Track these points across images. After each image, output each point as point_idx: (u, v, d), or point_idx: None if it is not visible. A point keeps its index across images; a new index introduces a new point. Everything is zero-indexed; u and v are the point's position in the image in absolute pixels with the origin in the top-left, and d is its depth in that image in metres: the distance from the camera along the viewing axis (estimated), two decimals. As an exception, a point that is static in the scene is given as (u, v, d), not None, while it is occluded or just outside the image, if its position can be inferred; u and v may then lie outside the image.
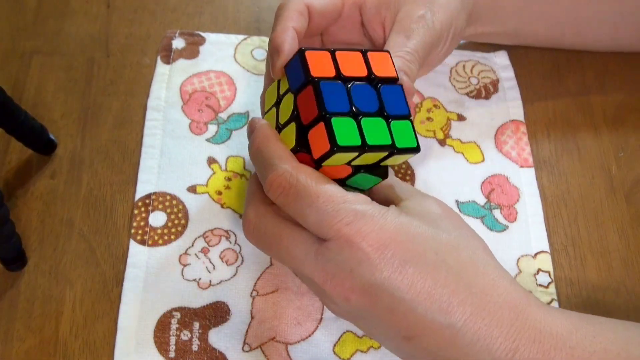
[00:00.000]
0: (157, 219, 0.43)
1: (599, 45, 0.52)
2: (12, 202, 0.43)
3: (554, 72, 0.53)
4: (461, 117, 0.49)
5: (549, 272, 0.43)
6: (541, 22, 0.49)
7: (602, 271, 0.44)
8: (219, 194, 0.44)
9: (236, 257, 0.42)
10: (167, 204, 0.44)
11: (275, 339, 0.39)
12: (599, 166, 0.48)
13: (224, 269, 0.42)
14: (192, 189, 0.44)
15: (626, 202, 0.47)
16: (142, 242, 0.42)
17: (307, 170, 0.33)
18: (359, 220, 0.31)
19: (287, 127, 0.35)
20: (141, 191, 0.44)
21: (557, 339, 0.31)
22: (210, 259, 0.42)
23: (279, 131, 0.36)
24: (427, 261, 0.31)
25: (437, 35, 0.41)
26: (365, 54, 0.35)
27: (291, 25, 0.38)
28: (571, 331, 0.31)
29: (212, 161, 0.46)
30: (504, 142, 0.48)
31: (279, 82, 0.37)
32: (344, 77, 0.34)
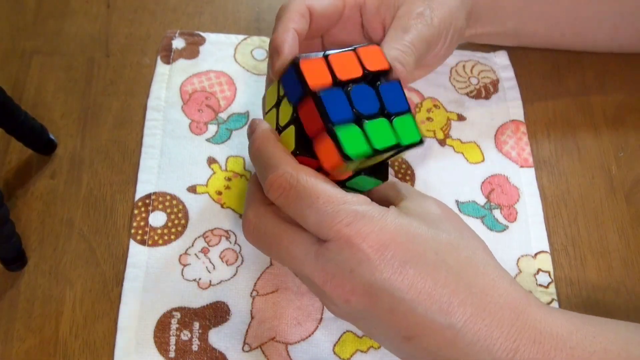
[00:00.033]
0: (157, 219, 0.43)
1: (599, 45, 0.52)
2: (12, 202, 0.43)
3: (554, 72, 0.53)
4: (461, 117, 0.49)
5: (549, 272, 0.43)
6: (541, 23, 0.49)
7: (602, 271, 0.44)
8: (219, 194, 0.44)
9: (236, 257, 0.42)
10: (167, 204, 0.44)
11: (275, 339, 0.39)
12: (599, 166, 0.48)
13: (224, 269, 0.42)
14: (192, 189, 0.44)
15: (626, 202, 0.47)
16: (142, 242, 0.42)
17: (307, 171, 0.33)
18: (359, 221, 0.31)
19: (287, 129, 0.35)
20: (141, 191, 0.44)
21: (558, 339, 0.31)
22: (210, 259, 0.42)
23: (279, 132, 0.36)
24: (427, 262, 0.31)
25: (435, 31, 0.40)
26: (356, 52, 0.35)
27: (292, 26, 0.37)
28: (571, 331, 0.31)
29: (212, 161, 0.46)
30: (504, 142, 0.48)
31: (279, 83, 0.37)
32: (341, 81, 0.34)
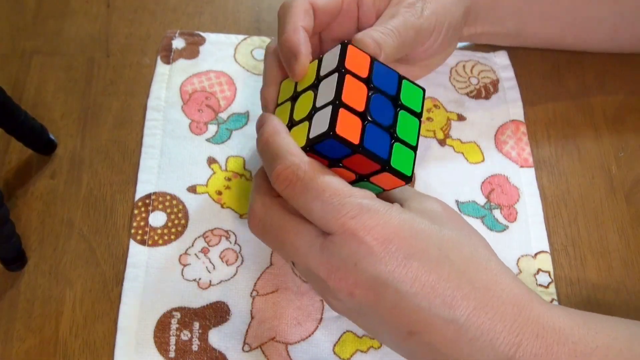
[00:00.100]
0: (157, 219, 0.43)
1: (599, 46, 0.52)
2: (12, 202, 0.43)
3: (554, 72, 0.53)
4: (461, 117, 0.49)
5: (549, 272, 0.43)
6: (541, 23, 0.49)
7: (602, 271, 0.44)
8: (219, 194, 0.44)
9: (236, 257, 0.42)
10: (167, 204, 0.44)
11: (275, 339, 0.39)
12: (599, 166, 0.48)
13: (224, 269, 0.42)
14: (192, 189, 0.44)
15: (626, 202, 0.47)
16: (142, 242, 0.42)
17: (314, 164, 0.33)
18: (364, 214, 0.31)
19: (300, 125, 0.35)
20: (141, 191, 0.44)
21: (560, 334, 0.31)
22: (210, 259, 0.42)
23: (290, 126, 0.36)
24: (431, 256, 0.31)
25: (425, 22, 0.40)
26: (344, 75, 0.34)
27: (301, 24, 0.37)
28: (573, 327, 0.32)
29: (212, 161, 0.46)
30: (504, 142, 0.48)
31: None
32: (372, 120, 0.34)
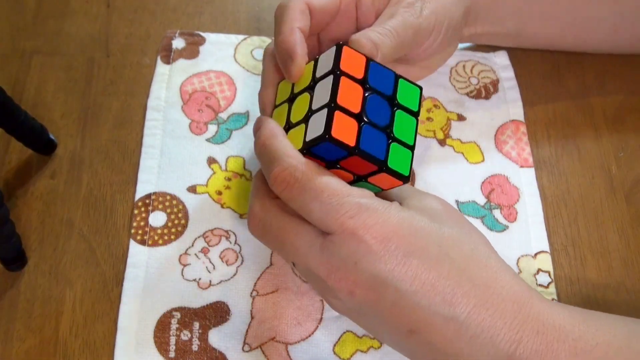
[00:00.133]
0: (157, 219, 0.43)
1: (599, 46, 0.52)
2: (12, 202, 0.43)
3: (554, 72, 0.53)
4: (461, 117, 0.49)
5: (549, 272, 0.43)
6: (541, 23, 0.49)
7: (602, 271, 0.44)
8: (219, 194, 0.44)
9: (236, 257, 0.42)
10: (167, 204, 0.44)
11: (275, 339, 0.39)
12: (599, 166, 0.48)
13: (224, 269, 0.42)
14: (192, 189, 0.44)
15: (626, 202, 0.47)
16: (142, 242, 0.42)
17: (311, 165, 0.33)
18: (362, 213, 0.31)
19: (297, 127, 0.35)
20: (141, 191, 0.44)
21: (560, 331, 0.31)
22: (210, 259, 0.42)
23: (288, 128, 0.36)
24: (430, 254, 0.31)
25: (424, 22, 0.40)
26: (339, 77, 0.34)
27: (297, 25, 0.37)
28: (573, 324, 0.32)
29: (212, 161, 0.46)
30: (504, 142, 0.48)
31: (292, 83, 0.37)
32: (368, 121, 0.34)
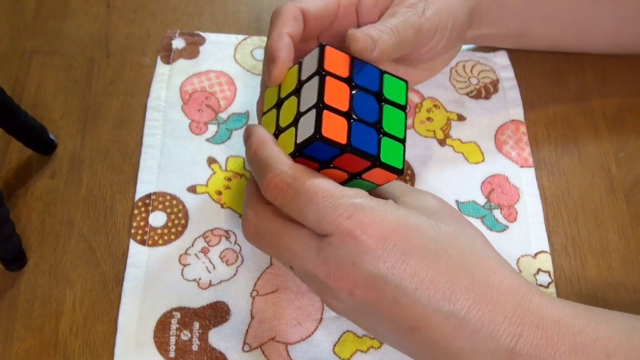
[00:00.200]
0: (157, 219, 0.43)
1: (600, 47, 0.52)
2: (12, 202, 0.43)
3: (554, 72, 0.53)
4: (461, 117, 0.49)
5: (549, 272, 0.43)
6: (544, 24, 0.49)
7: (602, 271, 0.44)
8: (219, 194, 0.44)
9: (236, 257, 0.42)
10: (167, 204, 0.44)
11: (275, 339, 0.39)
12: (599, 166, 0.48)
13: (224, 269, 0.42)
14: (192, 189, 0.44)
15: (626, 202, 0.47)
16: (142, 242, 0.42)
17: (303, 169, 0.33)
18: (358, 213, 0.31)
19: (287, 131, 0.35)
20: (141, 191, 0.44)
21: (560, 325, 0.31)
22: (210, 259, 0.42)
23: (278, 133, 0.36)
24: (429, 251, 0.31)
25: (427, 22, 0.40)
26: (324, 77, 0.34)
27: (286, 31, 0.37)
28: (573, 318, 0.32)
29: (212, 161, 0.46)
30: (504, 142, 0.48)
31: (279, 84, 0.37)
32: (358, 118, 0.34)
